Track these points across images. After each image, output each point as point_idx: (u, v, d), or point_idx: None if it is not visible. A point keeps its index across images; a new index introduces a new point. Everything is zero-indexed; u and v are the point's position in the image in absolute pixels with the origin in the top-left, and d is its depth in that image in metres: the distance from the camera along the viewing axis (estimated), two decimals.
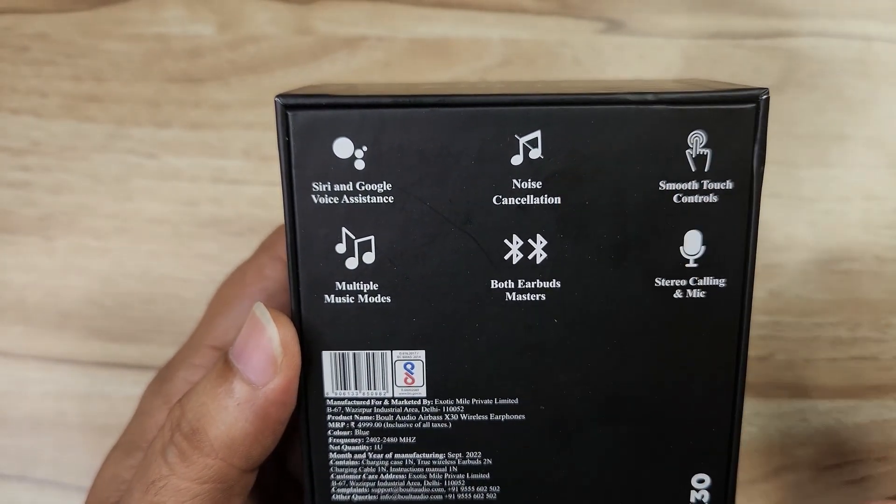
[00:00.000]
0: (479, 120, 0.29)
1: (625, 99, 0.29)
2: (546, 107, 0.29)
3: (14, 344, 0.52)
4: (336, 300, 0.31)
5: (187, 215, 0.51)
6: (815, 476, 0.51)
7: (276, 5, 0.50)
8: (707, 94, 0.29)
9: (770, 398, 0.51)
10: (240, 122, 0.50)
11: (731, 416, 0.32)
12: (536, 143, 0.29)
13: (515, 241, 0.30)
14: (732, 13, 0.49)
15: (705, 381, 0.32)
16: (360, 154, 0.29)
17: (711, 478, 0.33)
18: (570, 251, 0.30)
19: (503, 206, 0.30)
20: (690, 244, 0.30)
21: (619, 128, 0.29)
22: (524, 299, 0.30)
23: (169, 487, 0.30)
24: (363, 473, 0.33)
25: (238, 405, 0.30)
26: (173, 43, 0.50)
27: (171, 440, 0.31)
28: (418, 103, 0.29)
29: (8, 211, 0.51)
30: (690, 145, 0.29)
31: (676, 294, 0.30)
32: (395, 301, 0.31)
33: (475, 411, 0.32)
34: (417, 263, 0.30)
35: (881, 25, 0.49)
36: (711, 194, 0.29)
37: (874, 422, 0.51)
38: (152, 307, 0.51)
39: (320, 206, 0.30)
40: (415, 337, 0.31)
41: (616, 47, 0.50)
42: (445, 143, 0.29)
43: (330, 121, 0.29)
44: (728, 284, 0.30)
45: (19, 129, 0.50)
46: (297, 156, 0.29)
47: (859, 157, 0.49)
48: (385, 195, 0.29)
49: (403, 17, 0.50)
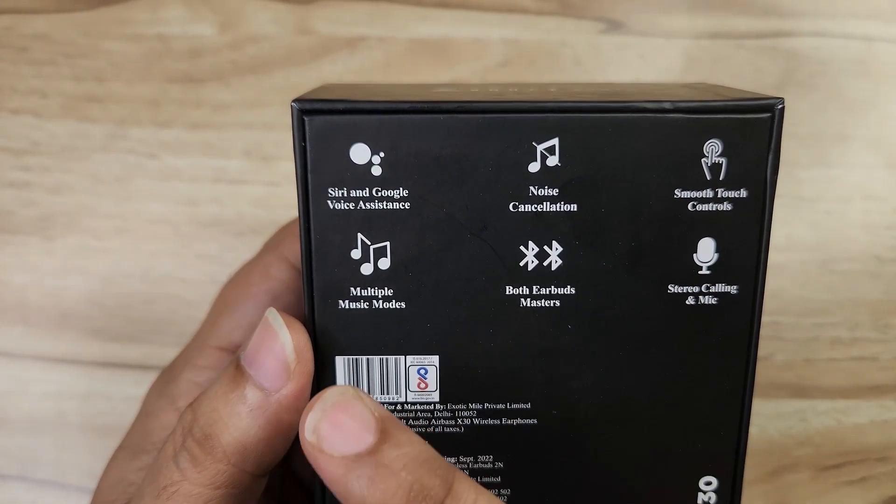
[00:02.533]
0: (497, 127, 0.29)
1: (643, 107, 0.29)
2: (564, 114, 0.29)
3: (14, 344, 0.52)
4: (350, 306, 0.31)
5: (188, 215, 0.51)
6: (815, 476, 0.51)
7: (276, 5, 0.49)
8: (724, 103, 0.29)
9: (770, 398, 0.51)
10: (240, 122, 0.50)
11: (739, 420, 0.32)
12: (554, 150, 0.29)
13: (531, 248, 0.30)
14: (732, 13, 0.49)
15: (715, 385, 0.32)
16: (376, 160, 0.29)
17: (719, 480, 0.33)
18: (585, 258, 0.30)
19: (519, 213, 0.29)
20: (704, 251, 0.30)
21: (637, 136, 0.29)
22: (539, 305, 0.30)
23: (181, 493, 0.30)
24: None
25: (250, 411, 0.30)
26: (173, 43, 0.50)
27: (183, 445, 0.31)
28: (436, 109, 0.29)
29: (8, 211, 0.51)
30: (706, 154, 0.29)
31: (689, 300, 0.31)
32: (409, 307, 0.31)
33: (487, 416, 0.32)
34: (433, 269, 0.30)
35: (882, 25, 0.49)
36: (725, 202, 0.29)
37: (874, 422, 0.51)
38: (153, 307, 0.51)
39: (336, 211, 0.30)
40: (429, 342, 0.31)
41: (616, 47, 0.50)
42: (463, 149, 0.29)
43: (347, 126, 0.29)
44: (740, 291, 0.31)
45: (19, 129, 0.50)
46: (313, 161, 0.29)
47: (859, 157, 0.50)
48: (401, 201, 0.29)
49: (403, 17, 0.50)
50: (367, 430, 0.27)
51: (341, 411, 0.27)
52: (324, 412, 0.27)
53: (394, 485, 0.26)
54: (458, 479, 0.28)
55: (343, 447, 0.27)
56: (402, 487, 0.27)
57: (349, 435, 0.27)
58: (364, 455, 0.27)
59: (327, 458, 0.27)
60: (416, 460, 0.27)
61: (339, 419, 0.27)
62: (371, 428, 0.27)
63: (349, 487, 0.27)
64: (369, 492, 0.26)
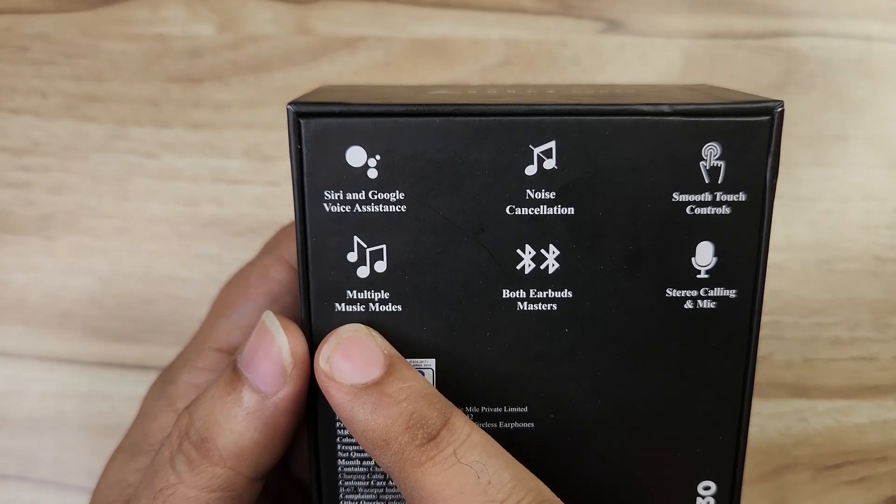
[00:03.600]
0: (494, 129, 0.29)
1: (640, 110, 0.28)
2: (561, 117, 0.29)
3: (14, 344, 0.52)
4: (347, 308, 0.31)
5: (187, 215, 0.51)
6: (815, 476, 0.51)
7: (276, 5, 0.49)
8: (722, 106, 0.29)
9: (769, 398, 0.51)
10: (240, 122, 0.50)
11: (737, 425, 0.32)
12: (551, 153, 0.29)
13: (528, 251, 0.30)
14: (732, 13, 0.49)
15: (713, 390, 0.32)
16: (373, 163, 0.29)
17: (717, 485, 0.33)
18: (582, 261, 0.30)
19: (516, 216, 0.29)
20: (702, 255, 0.30)
21: (635, 139, 0.29)
22: (536, 309, 0.30)
23: (177, 496, 0.30)
24: (371, 480, 0.33)
25: (247, 414, 0.30)
26: (173, 43, 0.50)
27: (180, 448, 0.31)
28: (432, 112, 0.29)
29: (8, 211, 0.51)
30: (705, 157, 0.29)
31: (687, 304, 0.30)
32: (406, 310, 0.31)
33: (484, 419, 0.32)
34: (429, 272, 0.30)
35: (881, 25, 0.49)
36: (724, 206, 0.29)
37: (873, 422, 0.51)
38: (152, 307, 0.51)
39: (332, 214, 0.30)
40: (425, 345, 0.31)
41: (616, 47, 0.50)
42: (459, 152, 0.29)
43: (343, 129, 0.29)
44: (738, 295, 0.31)
45: (19, 129, 0.50)
46: (309, 164, 0.29)
47: (859, 157, 0.50)
48: (398, 204, 0.29)
49: (403, 17, 0.50)
50: (375, 364, 0.29)
51: (353, 345, 0.30)
52: (338, 344, 0.30)
53: (395, 412, 0.29)
54: (455, 415, 0.29)
55: (352, 377, 0.29)
56: (402, 415, 0.29)
57: (358, 366, 0.29)
58: (370, 385, 0.29)
59: (337, 385, 0.29)
60: (417, 393, 0.29)
61: (351, 352, 0.30)
62: (378, 363, 0.29)
63: (354, 413, 0.29)
64: (372, 417, 0.29)
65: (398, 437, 0.28)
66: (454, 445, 0.28)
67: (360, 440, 0.29)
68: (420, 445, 0.28)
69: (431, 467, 0.28)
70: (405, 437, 0.28)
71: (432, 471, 0.28)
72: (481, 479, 0.28)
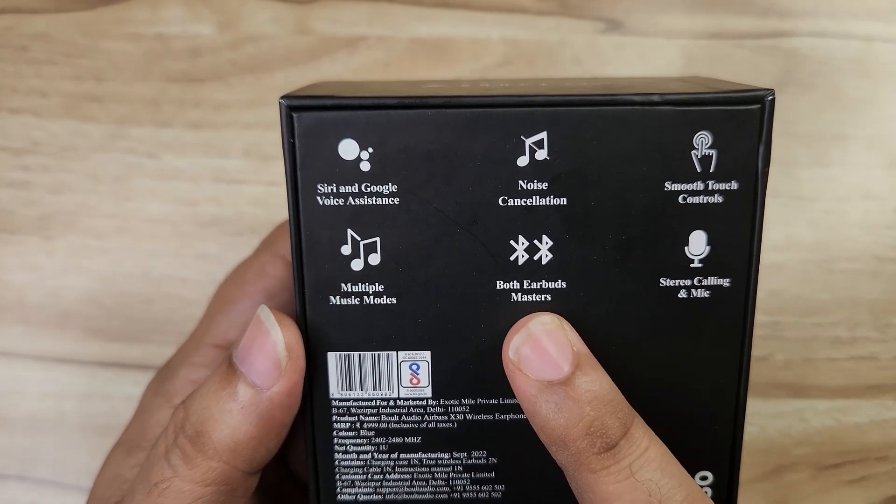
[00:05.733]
0: (485, 121, 0.29)
1: (631, 100, 0.29)
2: (552, 108, 0.29)
3: (14, 344, 0.52)
4: (341, 301, 0.31)
5: (187, 215, 0.51)
6: (815, 476, 0.51)
7: (276, 5, 0.50)
8: (713, 95, 0.29)
9: (769, 398, 0.51)
10: (240, 122, 0.50)
11: (733, 414, 0.32)
12: (542, 144, 0.29)
13: (521, 242, 0.30)
14: (732, 13, 0.49)
15: (709, 379, 0.32)
16: (365, 155, 0.29)
17: (714, 475, 0.33)
18: (575, 252, 0.30)
19: (509, 207, 0.30)
20: (695, 244, 0.30)
21: (626, 129, 0.29)
22: (530, 300, 0.30)
23: (172, 490, 0.30)
24: (368, 473, 0.33)
25: (242, 408, 0.30)
26: (173, 43, 0.50)
27: (175, 442, 0.31)
28: (424, 104, 0.29)
29: (8, 211, 0.51)
30: (696, 146, 0.29)
31: (681, 294, 0.30)
32: (400, 302, 0.31)
33: (480, 411, 0.32)
34: (423, 264, 0.30)
35: (881, 25, 0.49)
36: (716, 195, 0.29)
37: (873, 421, 0.51)
38: (152, 307, 0.51)
39: (325, 207, 0.30)
40: (420, 337, 0.31)
41: (616, 47, 0.50)
42: (451, 144, 0.29)
43: (335, 122, 0.29)
44: (732, 284, 0.31)
45: (19, 129, 0.50)
46: (302, 157, 0.29)
47: (859, 157, 0.50)
48: (391, 196, 0.29)
49: (403, 17, 0.50)
50: (565, 361, 0.29)
51: (546, 338, 0.30)
52: (528, 336, 0.30)
53: (577, 416, 0.29)
54: (636, 425, 0.29)
55: (540, 372, 0.29)
56: (583, 420, 0.29)
57: (548, 362, 0.29)
58: (557, 383, 0.29)
59: (524, 377, 0.29)
60: (601, 399, 0.29)
61: (543, 345, 0.29)
62: (568, 359, 0.29)
63: (538, 408, 0.29)
64: (554, 417, 0.29)
65: (577, 441, 0.28)
66: (630, 458, 0.28)
67: (538, 432, 0.29)
68: (597, 453, 0.28)
69: (605, 476, 0.28)
70: (583, 443, 0.28)
71: (606, 480, 0.28)
72: (652, 498, 0.28)
